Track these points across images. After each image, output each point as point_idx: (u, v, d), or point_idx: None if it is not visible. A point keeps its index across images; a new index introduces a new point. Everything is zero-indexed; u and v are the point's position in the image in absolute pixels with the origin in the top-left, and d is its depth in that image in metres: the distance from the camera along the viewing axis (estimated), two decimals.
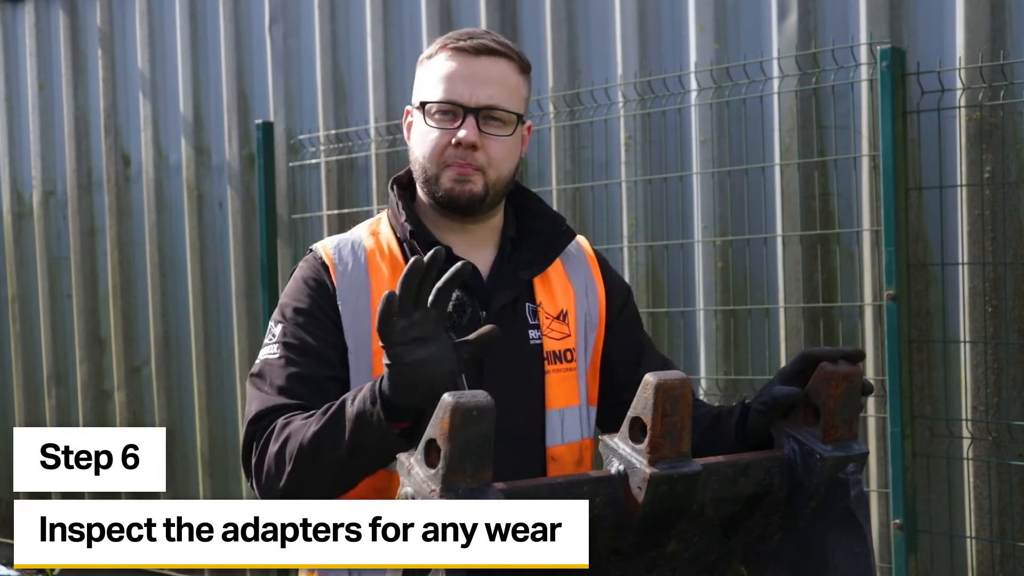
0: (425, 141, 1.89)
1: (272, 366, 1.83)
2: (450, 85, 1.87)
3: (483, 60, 1.88)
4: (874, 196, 3.48)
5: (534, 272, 1.95)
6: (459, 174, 1.86)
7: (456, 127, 1.86)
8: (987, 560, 3.38)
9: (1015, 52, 3.28)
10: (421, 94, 1.93)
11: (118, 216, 5.58)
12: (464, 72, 1.87)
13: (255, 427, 1.79)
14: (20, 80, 6.05)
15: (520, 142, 1.95)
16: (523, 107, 1.93)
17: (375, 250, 1.91)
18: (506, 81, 1.89)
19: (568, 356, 1.94)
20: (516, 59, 1.91)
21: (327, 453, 1.64)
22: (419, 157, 1.91)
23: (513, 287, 1.92)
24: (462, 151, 1.85)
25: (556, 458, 1.91)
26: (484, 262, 1.94)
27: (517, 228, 2.00)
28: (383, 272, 1.89)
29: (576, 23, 4.12)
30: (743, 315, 3.76)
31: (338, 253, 1.91)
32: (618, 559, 1.56)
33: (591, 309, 2.00)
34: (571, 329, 1.96)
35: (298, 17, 4.89)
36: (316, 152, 4.78)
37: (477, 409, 1.33)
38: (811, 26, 3.62)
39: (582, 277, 2.02)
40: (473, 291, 1.89)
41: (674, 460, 1.46)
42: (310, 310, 1.86)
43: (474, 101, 1.86)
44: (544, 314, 1.94)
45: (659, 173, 3.90)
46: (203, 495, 5.31)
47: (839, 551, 1.62)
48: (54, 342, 5.94)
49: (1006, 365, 3.33)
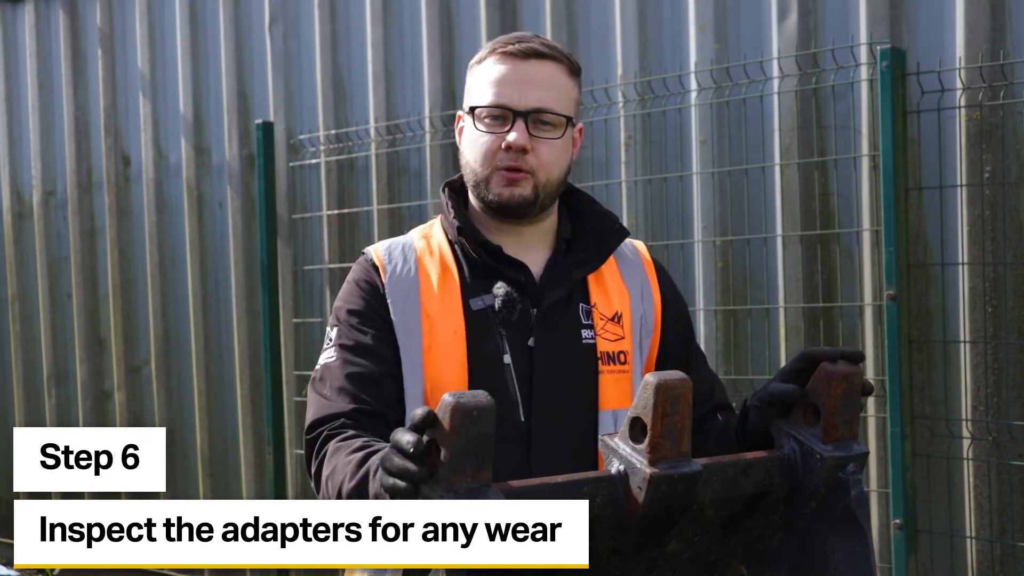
0: (475, 145, 1.90)
1: (330, 369, 1.86)
2: (499, 89, 1.88)
3: (532, 63, 1.89)
4: (874, 196, 3.48)
5: (587, 270, 1.96)
6: (509, 178, 1.87)
7: (506, 131, 1.87)
8: (987, 560, 3.38)
9: (1015, 52, 3.28)
10: (471, 99, 1.93)
11: (118, 216, 5.58)
12: (513, 76, 1.88)
13: (311, 436, 1.83)
14: (20, 80, 6.05)
15: (571, 144, 1.95)
16: (573, 109, 1.93)
17: (425, 251, 1.94)
18: (555, 84, 1.89)
19: (622, 358, 1.94)
20: (565, 62, 1.92)
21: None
22: (469, 161, 1.92)
23: (565, 284, 1.93)
24: (512, 154, 1.86)
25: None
26: (537, 262, 1.95)
27: (571, 229, 2.01)
28: (432, 269, 1.91)
29: (576, 23, 4.12)
30: (743, 315, 3.76)
31: (388, 254, 1.94)
32: (618, 559, 1.56)
33: (647, 313, 2.00)
34: (625, 332, 1.96)
35: (298, 17, 4.89)
36: (316, 152, 4.78)
37: (477, 409, 1.33)
38: (811, 26, 3.62)
39: (638, 281, 2.02)
40: (524, 289, 1.90)
41: (674, 460, 1.46)
42: (363, 311, 1.89)
43: (523, 104, 1.86)
44: (598, 315, 1.94)
45: (659, 173, 3.90)
46: (203, 495, 5.31)
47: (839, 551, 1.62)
48: (54, 342, 5.94)
49: (1006, 365, 3.33)
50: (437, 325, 1.86)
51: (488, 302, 1.87)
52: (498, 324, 1.86)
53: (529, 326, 1.88)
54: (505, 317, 1.86)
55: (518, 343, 1.87)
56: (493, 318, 1.87)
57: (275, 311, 4.81)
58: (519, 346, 1.87)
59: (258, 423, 5.03)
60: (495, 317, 1.86)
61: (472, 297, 1.88)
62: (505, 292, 1.87)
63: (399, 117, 4.55)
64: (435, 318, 1.86)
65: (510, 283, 1.89)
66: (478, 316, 1.87)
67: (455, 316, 1.86)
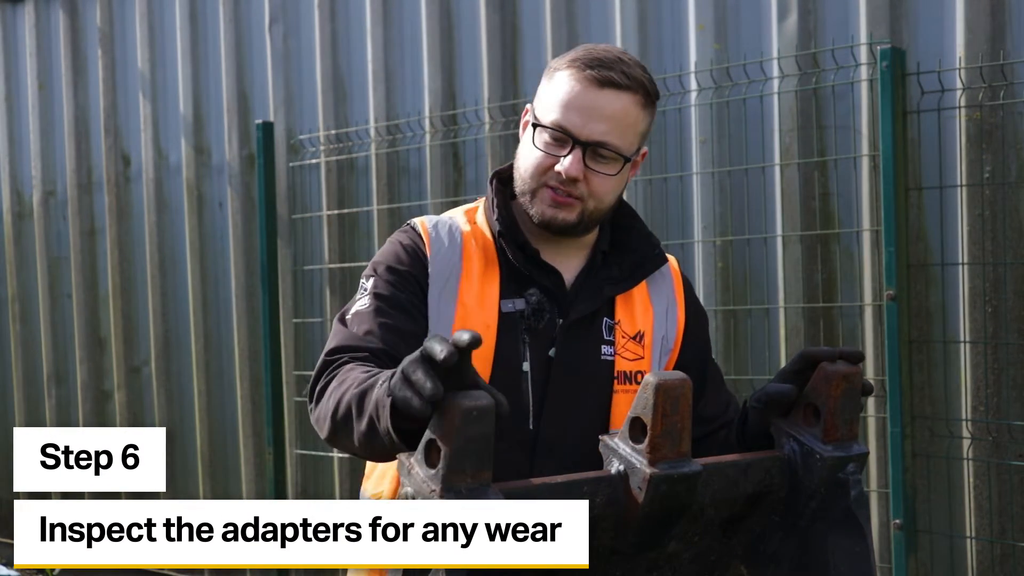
0: (529, 158, 1.87)
1: (362, 314, 1.82)
2: (566, 112, 1.82)
3: (605, 93, 1.81)
4: (874, 196, 3.48)
5: (619, 290, 1.94)
6: (556, 200, 1.84)
7: (562, 155, 1.83)
8: (987, 560, 3.38)
9: (1015, 52, 3.28)
10: (540, 110, 1.87)
11: (118, 216, 5.58)
12: (582, 102, 1.81)
13: (330, 359, 1.78)
14: (20, 80, 6.05)
15: (627, 175, 1.91)
16: (638, 142, 1.88)
17: (471, 237, 1.91)
18: (624, 118, 1.83)
19: (639, 378, 1.91)
20: (641, 92, 1.84)
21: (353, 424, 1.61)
22: (521, 169, 1.89)
23: (594, 300, 1.91)
24: (563, 179, 1.83)
25: None
26: (571, 271, 1.93)
27: (612, 242, 1.98)
28: (475, 259, 1.89)
29: (576, 23, 4.12)
30: (743, 315, 3.76)
31: (435, 229, 1.91)
32: (618, 559, 1.56)
33: (669, 332, 1.98)
34: (646, 352, 1.94)
35: (298, 17, 4.89)
36: (316, 152, 4.78)
37: (477, 409, 1.33)
38: (811, 26, 3.62)
39: (664, 297, 2.00)
40: (554, 297, 1.89)
41: (674, 460, 1.46)
42: (403, 271, 1.86)
43: (585, 135, 1.81)
44: (621, 333, 1.92)
45: (659, 173, 3.90)
46: (203, 495, 5.31)
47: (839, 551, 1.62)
48: (54, 342, 5.94)
49: (1006, 365, 3.33)
50: (471, 316, 1.84)
51: (519, 307, 1.86)
52: (523, 330, 1.85)
53: (552, 336, 1.87)
54: (532, 325, 1.85)
55: (539, 351, 1.86)
56: (520, 323, 1.85)
57: (275, 311, 4.81)
58: (539, 355, 1.86)
59: (258, 423, 5.03)
60: (522, 323, 1.85)
61: (505, 298, 1.87)
62: (538, 300, 1.86)
63: (399, 117, 4.55)
64: (470, 309, 1.84)
65: (541, 290, 1.87)
66: (506, 317, 1.86)
67: (490, 311, 1.85)
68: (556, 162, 1.83)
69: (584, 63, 1.83)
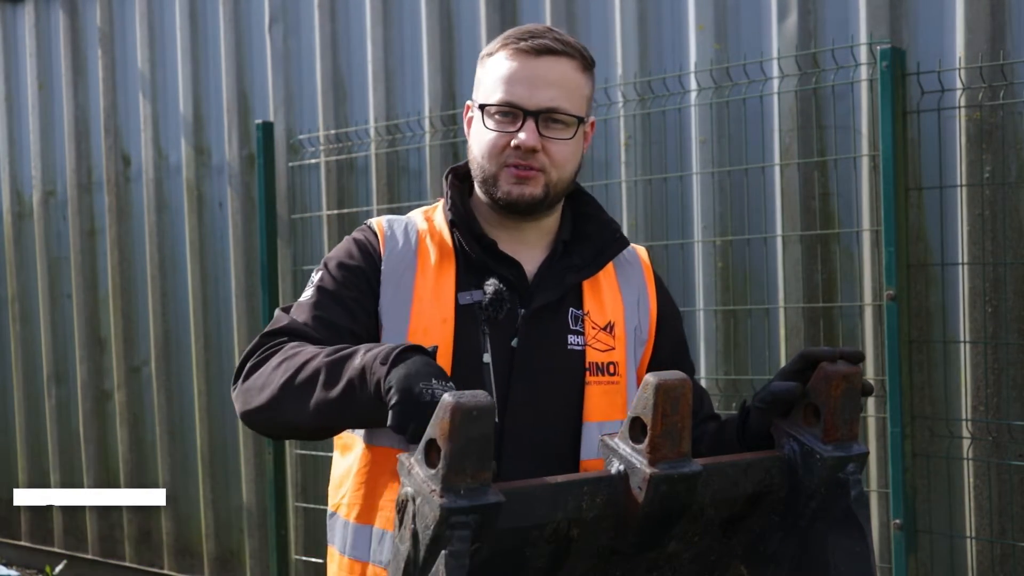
0: (483, 142, 1.87)
1: (303, 305, 1.84)
2: (509, 87, 1.83)
3: (544, 60, 1.83)
4: (874, 196, 3.48)
5: (581, 277, 1.92)
6: (519, 175, 1.84)
7: (515, 129, 1.83)
8: (987, 560, 3.38)
9: (1015, 52, 3.28)
10: (481, 94, 1.89)
11: (118, 216, 5.58)
12: (524, 73, 1.83)
13: (268, 338, 1.79)
14: (20, 80, 6.05)
15: (582, 142, 1.91)
16: (586, 107, 1.89)
17: (427, 233, 1.91)
18: (567, 82, 1.84)
19: (611, 369, 1.90)
20: (579, 57, 1.86)
21: (319, 387, 1.62)
22: (477, 156, 1.89)
23: (557, 288, 1.89)
24: (522, 153, 1.83)
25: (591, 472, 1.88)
26: (532, 261, 1.92)
27: (572, 232, 1.98)
28: (431, 253, 1.88)
29: (576, 23, 4.12)
30: (743, 315, 3.76)
31: (391, 227, 1.91)
32: (618, 559, 1.56)
33: (641, 323, 1.97)
34: (618, 342, 1.92)
35: (298, 17, 4.89)
36: (316, 152, 4.78)
37: (477, 409, 1.32)
38: (811, 26, 3.62)
39: (635, 289, 1.99)
40: (515, 287, 1.87)
41: (674, 460, 1.46)
42: (353, 267, 1.86)
43: (534, 104, 1.82)
44: (590, 323, 1.91)
45: (659, 173, 3.90)
46: (203, 495, 5.31)
47: (839, 551, 1.62)
48: (54, 342, 5.94)
49: (1006, 365, 3.33)
50: (426, 311, 1.82)
51: (476, 297, 1.84)
52: (483, 321, 1.83)
53: (515, 326, 1.85)
54: (491, 315, 1.83)
55: (501, 342, 1.83)
56: (479, 314, 1.83)
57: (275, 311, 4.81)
58: (501, 346, 1.83)
59: None
60: (481, 314, 1.83)
61: (462, 290, 1.85)
62: (495, 290, 1.84)
63: (399, 117, 4.55)
64: (425, 303, 1.83)
65: (501, 280, 1.85)
66: (465, 310, 1.83)
67: (446, 304, 1.83)
68: (511, 138, 1.83)
69: (515, 38, 1.86)
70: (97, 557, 5.80)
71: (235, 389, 1.77)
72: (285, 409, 1.68)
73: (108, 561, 5.75)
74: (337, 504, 1.89)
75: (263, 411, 1.71)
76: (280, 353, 1.72)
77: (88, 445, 5.79)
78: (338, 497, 1.88)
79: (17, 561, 6.22)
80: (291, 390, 1.65)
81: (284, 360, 1.70)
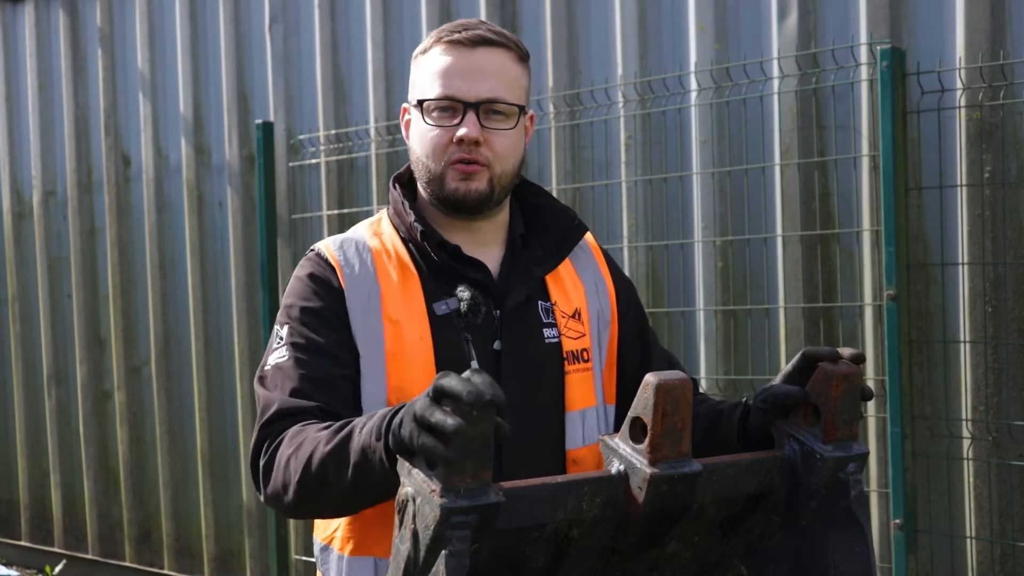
0: (425, 140, 1.82)
1: (282, 369, 1.75)
2: (447, 80, 1.79)
3: (480, 52, 1.80)
4: (874, 196, 3.48)
5: (547, 269, 1.90)
6: (464, 171, 1.80)
7: (456, 124, 1.79)
8: (987, 560, 3.38)
9: (1015, 52, 3.28)
10: (418, 91, 1.84)
11: (118, 216, 5.58)
12: (461, 66, 1.79)
13: (267, 431, 1.72)
14: (20, 80, 6.05)
15: (524, 134, 1.88)
16: (524, 97, 1.86)
17: (381, 251, 1.85)
18: (505, 73, 1.81)
19: (585, 355, 1.89)
20: (514, 48, 1.83)
21: (332, 480, 1.57)
22: (421, 156, 1.84)
23: (526, 284, 1.87)
24: (465, 147, 1.79)
25: (577, 461, 1.86)
26: (494, 260, 1.89)
27: (525, 223, 1.95)
28: (391, 272, 1.83)
29: (576, 23, 4.12)
30: (743, 315, 3.76)
31: (343, 254, 1.84)
32: (618, 559, 1.56)
33: (603, 306, 1.96)
34: (585, 328, 1.91)
35: (298, 17, 4.89)
36: (316, 152, 4.78)
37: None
38: (811, 26, 3.62)
39: (591, 274, 1.98)
40: (487, 290, 1.84)
41: (674, 460, 1.46)
42: (317, 309, 1.79)
43: (473, 95, 1.78)
44: (560, 313, 1.89)
45: (659, 173, 3.90)
46: (203, 495, 5.31)
47: (839, 551, 1.62)
48: (54, 342, 5.94)
49: (1006, 365, 3.33)
50: (402, 330, 1.78)
51: (452, 306, 1.80)
52: (463, 329, 1.80)
53: (494, 329, 1.82)
54: (471, 321, 1.80)
55: (483, 347, 1.81)
56: (458, 322, 1.80)
57: (275, 311, 4.79)
58: (485, 350, 1.81)
59: None
60: (460, 321, 1.80)
61: (435, 301, 1.81)
62: (471, 296, 1.80)
63: (399, 117, 4.54)
64: (400, 323, 1.78)
65: (471, 284, 1.82)
66: (442, 320, 1.79)
67: (420, 321, 1.79)
68: (453, 133, 1.79)
69: (448, 32, 1.82)
70: (97, 557, 5.80)
71: (262, 495, 1.73)
72: (315, 507, 1.67)
73: (108, 561, 5.75)
74: (329, 537, 1.83)
75: (300, 511, 1.69)
76: (282, 449, 1.67)
77: (88, 445, 5.79)
78: (330, 531, 1.83)
79: (17, 561, 6.22)
80: (309, 490, 1.62)
81: (289, 460, 1.65)
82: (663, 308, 3.91)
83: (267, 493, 1.70)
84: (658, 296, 3.93)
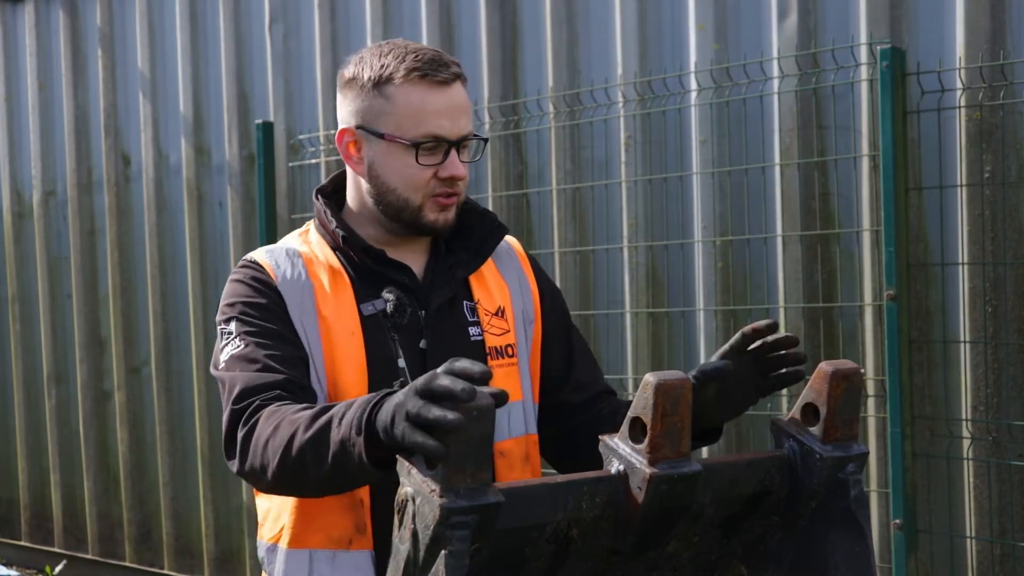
0: (405, 174, 1.87)
1: (242, 356, 1.81)
2: (434, 120, 1.85)
3: (452, 89, 1.87)
4: (874, 196, 3.48)
5: (470, 270, 1.97)
6: (444, 204, 1.88)
7: (438, 162, 1.86)
8: (987, 560, 3.38)
9: (1015, 52, 3.28)
10: (393, 126, 1.85)
11: (118, 216, 5.58)
12: (441, 105, 1.86)
13: (240, 406, 1.77)
14: (20, 80, 6.05)
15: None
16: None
17: (311, 256, 1.92)
18: (468, 106, 1.91)
19: (509, 351, 1.97)
20: (462, 76, 1.92)
21: (311, 466, 1.62)
22: (397, 188, 1.88)
23: (450, 285, 1.94)
24: (449, 183, 1.87)
25: (504, 453, 1.93)
26: (418, 262, 1.96)
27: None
28: (322, 274, 1.89)
29: (576, 23, 4.12)
30: (743, 315, 3.75)
31: (273, 260, 1.90)
32: (618, 559, 1.56)
33: (527, 305, 2.03)
34: (510, 324, 1.98)
35: (298, 17, 4.89)
36: (316, 152, 4.78)
37: (477, 409, 1.33)
38: (811, 26, 3.62)
39: (515, 275, 2.05)
40: (412, 291, 1.91)
41: (674, 460, 1.46)
42: (263, 304, 1.85)
43: (456, 133, 1.86)
44: (483, 311, 1.97)
45: (659, 173, 3.90)
46: (203, 495, 5.31)
47: (839, 551, 1.62)
48: (54, 342, 5.94)
49: (1006, 365, 3.33)
50: (334, 329, 1.85)
51: (379, 307, 1.88)
52: (390, 328, 1.87)
53: (419, 328, 1.90)
54: (396, 321, 1.87)
55: (410, 345, 1.88)
56: (385, 322, 1.87)
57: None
58: (411, 348, 1.88)
59: None
60: (387, 321, 1.87)
61: (363, 302, 1.88)
62: (396, 297, 1.88)
63: None
64: (332, 321, 1.85)
65: (397, 287, 1.90)
66: (370, 320, 1.87)
67: (351, 319, 1.86)
68: (436, 169, 1.86)
69: (419, 69, 1.85)
70: (97, 557, 5.80)
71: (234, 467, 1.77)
72: (294, 490, 1.73)
73: (108, 561, 5.75)
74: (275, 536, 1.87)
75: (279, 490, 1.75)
76: (259, 428, 1.71)
77: (88, 445, 5.79)
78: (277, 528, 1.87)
79: (17, 561, 6.22)
80: (288, 474, 1.66)
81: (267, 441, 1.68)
82: (663, 308, 3.91)
83: (242, 469, 1.75)
84: (658, 296, 3.93)
